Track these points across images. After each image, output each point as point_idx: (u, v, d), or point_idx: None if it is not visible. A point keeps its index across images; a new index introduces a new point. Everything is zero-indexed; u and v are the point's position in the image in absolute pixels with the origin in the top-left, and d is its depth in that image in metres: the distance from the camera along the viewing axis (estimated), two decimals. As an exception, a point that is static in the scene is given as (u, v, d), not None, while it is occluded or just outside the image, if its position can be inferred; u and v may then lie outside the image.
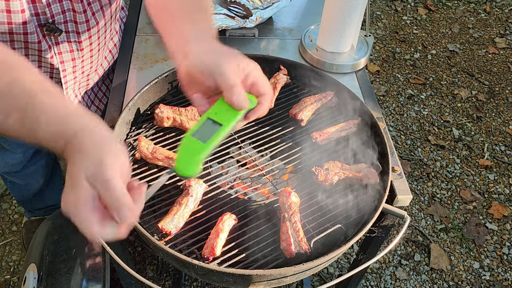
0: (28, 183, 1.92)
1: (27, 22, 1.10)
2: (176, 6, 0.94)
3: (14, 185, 1.93)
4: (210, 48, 0.85)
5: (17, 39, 1.13)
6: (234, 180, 1.24)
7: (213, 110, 0.84)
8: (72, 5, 1.16)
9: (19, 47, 1.17)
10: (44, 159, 1.86)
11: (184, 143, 0.81)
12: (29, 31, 1.12)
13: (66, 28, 1.20)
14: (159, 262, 2.20)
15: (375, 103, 1.40)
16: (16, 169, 1.78)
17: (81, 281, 1.52)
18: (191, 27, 0.90)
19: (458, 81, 3.40)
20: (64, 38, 1.22)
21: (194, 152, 0.80)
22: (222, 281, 1.02)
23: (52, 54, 1.23)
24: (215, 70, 0.80)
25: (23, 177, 1.86)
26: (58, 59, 1.26)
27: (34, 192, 1.98)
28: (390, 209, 1.09)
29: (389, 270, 2.27)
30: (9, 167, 1.77)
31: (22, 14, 1.08)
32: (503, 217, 2.54)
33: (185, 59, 0.85)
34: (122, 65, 1.48)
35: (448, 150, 2.90)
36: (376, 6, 4.08)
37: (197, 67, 0.82)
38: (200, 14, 0.94)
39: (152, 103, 1.34)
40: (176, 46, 0.89)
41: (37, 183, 1.94)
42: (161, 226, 1.02)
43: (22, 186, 1.94)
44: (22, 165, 1.77)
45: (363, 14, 1.48)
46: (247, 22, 1.59)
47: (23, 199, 2.07)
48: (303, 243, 1.01)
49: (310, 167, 1.17)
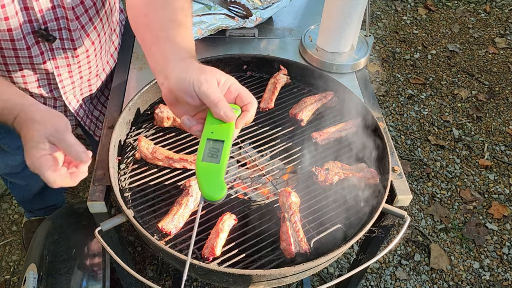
0: (28, 184, 1.93)
1: (14, 29, 1.10)
2: (159, 26, 0.96)
3: (15, 185, 1.94)
4: (189, 68, 0.86)
5: (5, 46, 1.14)
6: (234, 180, 1.24)
7: (207, 130, 0.85)
8: (65, 12, 1.16)
9: (9, 55, 1.17)
10: None
11: (199, 171, 0.82)
12: (15, 38, 1.12)
13: (60, 35, 1.21)
14: (159, 262, 2.20)
15: (375, 103, 1.40)
16: (16, 170, 1.78)
17: (81, 281, 1.53)
18: (172, 46, 0.92)
19: (458, 81, 3.40)
20: (58, 45, 1.23)
21: (214, 175, 0.81)
22: (222, 281, 1.02)
23: (45, 59, 1.23)
24: (197, 91, 0.82)
25: (24, 178, 1.86)
26: (53, 65, 1.26)
27: (34, 192, 1.99)
28: (390, 209, 1.09)
29: (389, 270, 2.27)
30: (10, 168, 1.77)
31: (11, 20, 1.08)
32: (503, 217, 2.54)
33: (166, 80, 0.87)
34: (122, 65, 1.48)
35: (448, 150, 2.89)
36: (376, 6, 4.08)
37: (179, 88, 0.84)
38: (180, 31, 0.96)
39: (152, 103, 1.34)
40: (157, 66, 0.91)
41: (37, 184, 1.95)
42: (161, 226, 1.02)
43: (22, 186, 1.94)
44: (22, 167, 1.77)
45: (363, 14, 1.48)
46: (247, 22, 1.59)
47: (23, 200, 2.07)
48: (303, 243, 1.01)
49: (310, 167, 1.18)
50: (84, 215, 1.71)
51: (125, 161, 1.18)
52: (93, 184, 1.10)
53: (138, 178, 1.14)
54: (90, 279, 1.54)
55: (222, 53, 1.49)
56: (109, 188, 1.11)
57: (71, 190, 2.47)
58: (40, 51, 1.21)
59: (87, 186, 2.45)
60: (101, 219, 1.06)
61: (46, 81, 1.31)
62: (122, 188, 1.12)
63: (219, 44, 1.59)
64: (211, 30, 1.53)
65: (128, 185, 1.13)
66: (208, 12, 1.56)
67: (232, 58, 1.43)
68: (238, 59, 1.44)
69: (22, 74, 1.24)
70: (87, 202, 1.08)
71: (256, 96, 1.39)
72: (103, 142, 1.21)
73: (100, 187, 1.10)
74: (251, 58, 1.44)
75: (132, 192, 1.12)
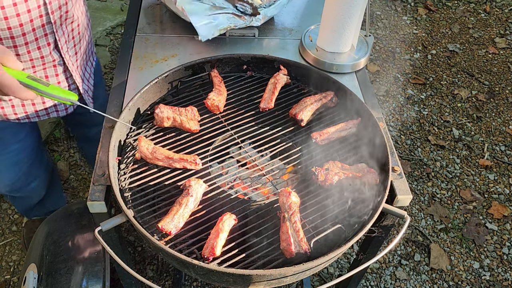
0: (29, 196, 1.93)
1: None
2: None
3: (15, 198, 1.94)
4: None
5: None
6: (234, 180, 1.24)
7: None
8: None
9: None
10: (44, 174, 1.86)
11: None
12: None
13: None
14: (159, 262, 2.20)
15: (375, 103, 1.40)
16: (16, 187, 1.76)
17: (81, 281, 1.53)
18: None
19: (458, 81, 3.40)
20: None
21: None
22: (222, 281, 1.02)
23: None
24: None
25: (25, 193, 1.86)
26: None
27: (35, 202, 1.99)
28: (390, 209, 1.09)
29: (389, 270, 2.27)
30: (9, 187, 1.75)
31: None
32: (503, 217, 2.54)
33: None
34: (122, 65, 1.48)
35: (448, 150, 2.90)
36: (376, 6, 4.09)
37: None
38: None
39: (152, 103, 1.34)
40: None
41: (38, 196, 1.95)
42: (161, 226, 1.02)
43: (24, 198, 1.94)
44: (21, 183, 1.75)
45: (363, 14, 1.48)
46: (253, 21, 1.59)
47: (24, 210, 2.08)
48: (303, 243, 1.01)
49: (310, 167, 1.17)
50: (84, 215, 1.71)
51: (125, 161, 1.18)
52: (93, 184, 1.10)
53: (138, 178, 1.14)
54: (90, 279, 1.54)
55: (222, 53, 1.49)
56: (109, 188, 1.11)
57: (71, 190, 2.47)
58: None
59: (87, 186, 2.45)
60: (101, 219, 1.06)
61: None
62: (122, 188, 1.12)
63: (219, 44, 1.59)
64: (220, 30, 1.53)
65: (128, 185, 1.13)
66: (215, 12, 1.56)
67: (232, 58, 1.43)
68: (238, 59, 1.44)
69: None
70: (87, 202, 1.08)
71: (256, 96, 1.40)
72: (103, 142, 1.21)
73: (100, 187, 1.10)
74: (251, 58, 1.44)
75: (132, 192, 1.12)
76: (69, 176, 2.54)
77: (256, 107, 1.36)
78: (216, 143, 1.28)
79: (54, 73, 1.39)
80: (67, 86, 1.46)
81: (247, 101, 1.39)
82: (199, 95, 1.37)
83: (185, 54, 1.54)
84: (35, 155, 1.71)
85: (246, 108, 1.36)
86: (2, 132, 1.53)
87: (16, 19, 1.16)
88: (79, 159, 2.63)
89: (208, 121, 1.31)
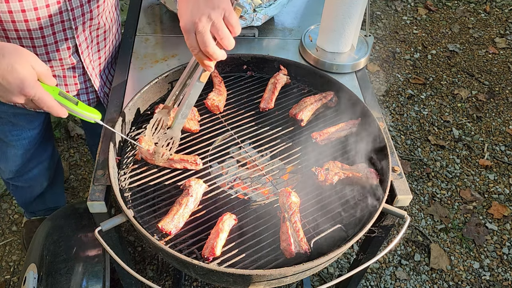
0: (31, 186, 1.93)
1: None
2: None
3: (17, 188, 1.94)
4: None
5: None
6: (234, 180, 1.24)
7: None
8: None
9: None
10: (47, 161, 1.86)
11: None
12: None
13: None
14: (159, 262, 2.20)
15: (375, 103, 1.40)
16: (20, 173, 1.79)
17: (81, 281, 1.53)
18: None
19: (458, 81, 3.40)
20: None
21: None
22: (222, 281, 1.02)
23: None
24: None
25: (27, 180, 1.86)
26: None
27: (36, 195, 1.99)
28: (390, 209, 1.09)
29: (389, 270, 2.27)
30: (13, 173, 1.78)
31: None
32: (503, 217, 2.54)
33: None
34: (122, 65, 1.48)
35: (448, 150, 2.90)
36: (376, 6, 4.09)
37: None
38: None
39: (152, 103, 1.34)
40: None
41: (40, 186, 1.95)
42: (161, 226, 1.02)
43: (25, 189, 1.94)
44: (24, 165, 1.77)
45: (363, 14, 1.48)
46: (254, 21, 1.58)
47: (24, 202, 2.07)
48: (303, 243, 1.01)
49: (310, 167, 1.17)
50: (84, 215, 1.71)
51: (125, 161, 1.18)
52: (93, 184, 1.10)
53: (138, 178, 1.14)
54: (90, 279, 1.54)
55: (222, 53, 1.49)
56: (109, 188, 1.11)
57: (71, 190, 2.47)
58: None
59: (87, 186, 2.45)
60: (101, 219, 1.06)
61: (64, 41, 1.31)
62: (122, 188, 1.12)
63: (219, 44, 1.59)
64: None
65: (128, 185, 1.13)
66: None
67: (232, 58, 1.43)
68: (238, 59, 1.44)
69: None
70: (87, 202, 1.08)
71: (256, 96, 1.40)
72: (103, 142, 1.21)
73: (100, 187, 1.10)
74: (251, 58, 1.44)
75: (132, 192, 1.13)
76: (69, 176, 2.54)
77: (256, 107, 1.36)
78: (216, 143, 1.28)
79: (72, 74, 1.40)
80: (85, 88, 1.47)
81: (247, 101, 1.39)
82: (199, 95, 1.37)
83: (185, 54, 1.54)
84: (40, 141, 1.73)
85: (246, 108, 1.36)
86: (19, 119, 1.56)
87: (33, 12, 1.16)
88: (79, 159, 2.63)
89: (208, 121, 1.31)
